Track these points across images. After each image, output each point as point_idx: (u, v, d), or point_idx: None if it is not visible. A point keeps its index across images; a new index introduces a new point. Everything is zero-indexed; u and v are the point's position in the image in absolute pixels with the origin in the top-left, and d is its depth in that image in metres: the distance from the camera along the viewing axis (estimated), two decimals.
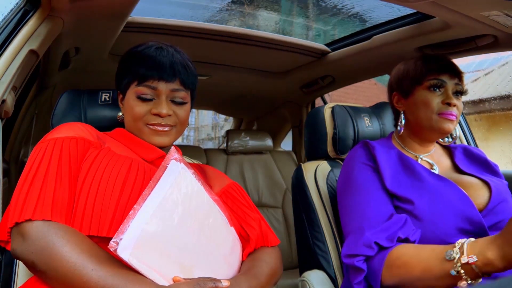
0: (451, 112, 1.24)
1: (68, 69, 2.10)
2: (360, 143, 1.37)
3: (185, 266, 0.91)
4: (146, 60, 1.12)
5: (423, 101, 1.27)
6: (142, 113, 1.11)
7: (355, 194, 1.25)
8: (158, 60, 1.11)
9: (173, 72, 1.12)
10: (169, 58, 1.12)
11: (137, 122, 1.12)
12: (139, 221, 0.86)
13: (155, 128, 1.12)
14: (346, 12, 2.22)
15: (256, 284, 1.01)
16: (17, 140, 2.49)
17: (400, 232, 1.11)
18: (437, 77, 1.27)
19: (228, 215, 1.07)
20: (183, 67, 1.14)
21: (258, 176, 2.84)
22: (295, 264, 2.48)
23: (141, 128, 1.12)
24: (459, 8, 1.25)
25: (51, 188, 0.90)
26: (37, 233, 0.84)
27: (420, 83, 1.28)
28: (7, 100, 1.19)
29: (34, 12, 1.24)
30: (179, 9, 2.31)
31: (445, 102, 1.25)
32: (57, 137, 1.00)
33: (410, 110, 1.32)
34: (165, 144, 1.14)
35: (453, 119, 1.25)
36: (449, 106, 1.25)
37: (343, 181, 1.33)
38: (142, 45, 1.17)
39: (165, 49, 1.15)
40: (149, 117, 1.12)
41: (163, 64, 1.11)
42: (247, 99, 3.15)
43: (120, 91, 1.20)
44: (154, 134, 1.12)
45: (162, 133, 1.13)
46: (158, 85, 1.11)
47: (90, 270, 0.82)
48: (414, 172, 1.24)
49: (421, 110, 1.27)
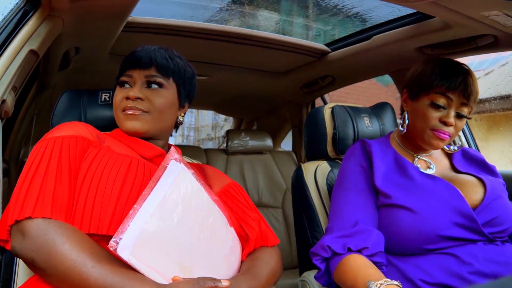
0: (444, 132, 1.23)
1: (68, 69, 2.10)
2: (358, 141, 1.37)
3: (185, 266, 0.91)
4: (129, 56, 1.17)
5: (423, 113, 1.25)
6: (119, 99, 1.14)
7: (339, 193, 1.30)
8: (139, 54, 1.16)
9: (149, 60, 1.15)
10: (150, 51, 1.16)
11: (116, 110, 1.15)
12: (139, 220, 0.86)
13: (125, 112, 1.12)
14: (346, 12, 2.22)
15: (255, 284, 1.01)
16: (17, 140, 2.49)
17: (353, 243, 1.16)
18: (446, 92, 1.22)
19: (227, 215, 1.07)
20: (164, 58, 1.16)
21: (258, 176, 2.83)
22: (295, 264, 2.47)
23: (118, 116, 1.15)
24: (459, 8, 1.25)
25: (51, 186, 0.90)
26: (37, 231, 0.84)
27: (428, 93, 1.25)
28: (7, 100, 1.19)
29: (34, 12, 1.24)
30: (179, 9, 2.30)
31: (442, 120, 1.23)
32: (57, 136, 1.00)
33: (411, 115, 1.31)
34: (137, 130, 1.12)
35: (445, 138, 1.24)
36: (444, 126, 1.23)
37: (337, 178, 1.36)
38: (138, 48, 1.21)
39: (152, 47, 1.19)
40: (123, 102, 1.13)
41: (141, 56, 1.15)
42: (247, 99, 3.16)
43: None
44: (125, 119, 1.12)
45: (131, 116, 1.12)
46: (133, 73, 1.15)
47: (90, 268, 0.82)
48: (406, 172, 1.26)
49: (419, 121, 1.27)
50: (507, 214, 1.20)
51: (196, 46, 2.05)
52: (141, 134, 1.13)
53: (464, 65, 1.28)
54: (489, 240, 1.16)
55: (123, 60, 1.19)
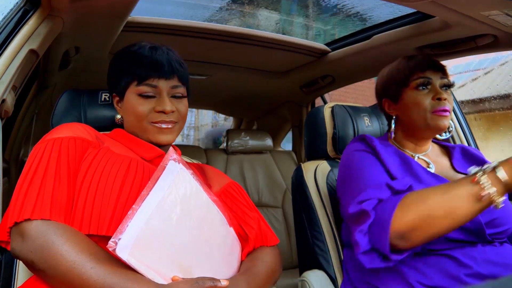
0: (444, 108, 1.24)
1: (68, 68, 2.10)
2: (357, 137, 1.36)
3: (184, 266, 0.91)
4: (143, 60, 1.13)
5: (414, 102, 1.26)
6: (146, 111, 1.12)
7: (356, 174, 1.22)
8: (155, 58, 1.13)
9: (171, 69, 1.14)
10: (165, 56, 1.14)
11: (142, 121, 1.13)
12: (137, 221, 0.86)
13: (160, 126, 1.13)
14: (346, 11, 2.22)
15: (255, 284, 1.01)
16: (17, 140, 2.49)
17: (397, 186, 1.12)
18: (421, 75, 1.27)
19: (227, 215, 1.07)
20: (179, 64, 1.17)
21: (258, 176, 2.83)
22: (295, 264, 2.48)
23: (145, 127, 1.13)
24: (459, 8, 1.25)
25: (50, 188, 0.90)
26: (36, 232, 0.84)
27: (407, 85, 1.28)
28: (7, 100, 1.19)
29: (34, 12, 1.24)
30: (179, 8, 2.30)
31: (435, 98, 1.24)
32: (55, 137, 1.00)
33: (402, 113, 1.32)
34: (170, 142, 1.15)
35: (447, 115, 1.24)
36: (440, 101, 1.24)
37: (342, 170, 1.32)
38: (134, 45, 1.18)
39: (159, 48, 1.17)
40: (153, 115, 1.12)
41: (161, 62, 1.13)
42: (247, 98, 3.15)
43: (116, 93, 1.20)
44: (159, 133, 1.13)
45: (167, 130, 1.14)
46: (158, 83, 1.13)
47: (89, 269, 0.82)
48: (411, 169, 1.24)
49: (414, 111, 1.27)
50: (507, 215, 1.18)
51: (196, 46, 2.05)
52: (169, 144, 1.17)
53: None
54: (488, 241, 1.15)
55: (133, 60, 1.14)
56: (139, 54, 1.14)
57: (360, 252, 1.06)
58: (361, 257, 1.06)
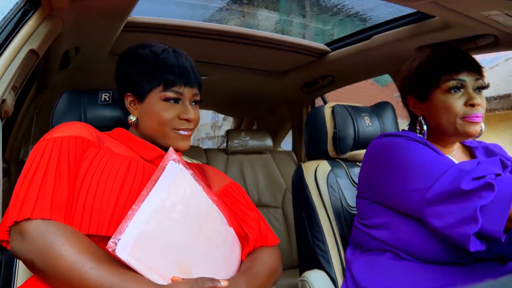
0: (476, 114, 1.15)
1: (68, 68, 2.10)
2: (391, 133, 1.25)
3: (184, 267, 0.91)
4: (171, 66, 1.12)
5: (444, 106, 1.17)
6: (170, 118, 1.12)
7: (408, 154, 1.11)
8: (183, 65, 1.13)
9: (196, 77, 1.16)
10: (190, 64, 1.16)
11: (164, 127, 1.12)
12: (137, 221, 0.86)
13: (182, 133, 1.14)
14: (346, 11, 2.22)
15: (254, 284, 1.01)
16: (17, 140, 2.49)
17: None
18: (455, 77, 1.16)
19: (227, 216, 1.07)
20: (197, 71, 1.18)
21: (258, 176, 2.83)
22: (295, 264, 2.47)
23: (167, 133, 1.13)
24: (459, 8, 1.25)
25: (50, 187, 0.90)
26: (35, 232, 0.84)
27: (437, 86, 1.18)
28: (7, 100, 1.19)
29: (34, 12, 1.24)
30: (179, 8, 2.30)
31: (468, 103, 1.15)
32: (56, 137, 1.00)
33: (429, 115, 1.23)
34: (187, 148, 1.17)
35: (479, 121, 1.16)
36: (473, 107, 1.15)
37: (379, 156, 1.20)
38: (150, 46, 1.15)
39: (180, 53, 1.17)
40: (177, 122, 1.13)
41: (188, 70, 1.14)
42: (247, 98, 3.15)
43: (134, 95, 1.15)
44: (180, 139, 1.14)
45: (187, 137, 1.15)
46: (184, 91, 1.13)
47: (89, 269, 0.82)
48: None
49: (443, 116, 1.18)
50: None
51: (196, 46, 2.05)
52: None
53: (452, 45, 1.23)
54: None
55: (159, 65, 1.11)
56: (165, 59, 1.12)
57: (474, 232, 0.95)
58: (472, 238, 0.95)
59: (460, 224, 0.96)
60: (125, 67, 1.16)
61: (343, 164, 1.62)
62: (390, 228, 1.18)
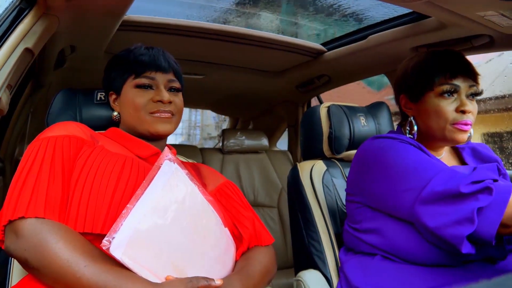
0: (466, 121, 1.15)
1: (64, 67, 2.09)
2: (382, 135, 1.25)
3: (178, 266, 0.91)
4: (141, 56, 1.17)
5: (435, 110, 1.17)
6: (144, 102, 1.14)
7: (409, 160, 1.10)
8: (153, 54, 1.18)
9: (168, 64, 1.19)
10: (161, 53, 1.20)
11: (139, 112, 1.14)
12: (131, 220, 0.86)
13: (158, 115, 1.14)
14: (342, 11, 2.22)
15: (249, 283, 1.01)
16: (12, 139, 2.48)
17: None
18: (450, 81, 1.16)
19: (222, 215, 1.07)
20: (174, 62, 1.22)
21: (254, 176, 2.84)
22: (291, 264, 2.48)
23: (143, 118, 1.14)
24: (454, 8, 1.26)
25: (44, 186, 0.90)
26: (30, 231, 0.84)
27: (431, 88, 1.18)
28: (2, 98, 1.19)
29: (30, 10, 1.24)
30: (175, 8, 2.30)
31: (459, 109, 1.15)
32: (50, 136, 1.00)
33: (420, 117, 1.23)
34: (169, 132, 1.17)
35: (468, 129, 1.16)
36: (463, 114, 1.15)
37: (371, 157, 1.19)
38: (130, 48, 1.23)
39: (155, 48, 1.22)
40: (151, 105, 1.14)
41: (158, 57, 1.18)
42: (243, 98, 3.15)
43: (113, 91, 1.22)
44: (158, 122, 1.14)
45: (165, 120, 1.15)
46: (156, 76, 1.16)
47: (83, 267, 0.82)
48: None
49: (433, 120, 1.18)
50: None
51: (192, 45, 2.05)
52: (167, 135, 1.20)
53: (452, 49, 1.22)
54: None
55: (130, 59, 1.18)
56: (135, 51, 1.19)
57: (468, 233, 0.95)
58: (465, 241, 0.95)
59: (454, 225, 0.96)
60: (106, 71, 1.24)
61: (339, 164, 1.63)
62: (381, 233, 1.18)
